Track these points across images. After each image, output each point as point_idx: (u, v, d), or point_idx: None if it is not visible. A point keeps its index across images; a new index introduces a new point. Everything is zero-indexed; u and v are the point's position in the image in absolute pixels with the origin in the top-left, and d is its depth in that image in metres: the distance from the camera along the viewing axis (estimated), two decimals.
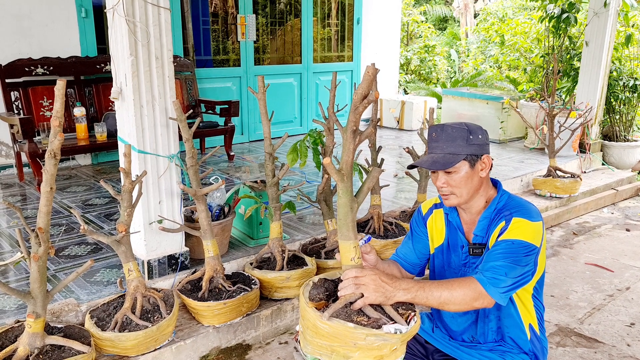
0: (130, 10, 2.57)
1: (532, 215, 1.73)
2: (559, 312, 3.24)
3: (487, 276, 1.64)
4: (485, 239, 1.81)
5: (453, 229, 1.91)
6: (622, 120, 6.37)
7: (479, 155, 1.76)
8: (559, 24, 6.39)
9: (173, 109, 2.73)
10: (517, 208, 1.76)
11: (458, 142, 1.74)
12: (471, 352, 1.88)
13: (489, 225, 1.81)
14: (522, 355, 1.84)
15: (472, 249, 1.83)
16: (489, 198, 1.84)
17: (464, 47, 13.65)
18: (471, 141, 1.74)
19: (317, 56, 7.25)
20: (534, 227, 1.71)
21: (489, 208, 1.82)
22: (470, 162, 1.75)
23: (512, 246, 1.68)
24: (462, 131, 1.75)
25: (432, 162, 1.76)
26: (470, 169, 1.75)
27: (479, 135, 1.77)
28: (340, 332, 1.47)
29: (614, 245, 4.34)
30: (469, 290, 1.61)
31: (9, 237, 3.49)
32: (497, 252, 1.69)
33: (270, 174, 2.94)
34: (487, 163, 1.79)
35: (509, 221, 1.73)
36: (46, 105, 4.87)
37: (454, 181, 1.76)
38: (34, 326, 2.13)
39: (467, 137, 1.74)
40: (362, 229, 3.53)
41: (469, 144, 1.74)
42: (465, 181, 1.76)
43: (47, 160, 2.02)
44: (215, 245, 2.76)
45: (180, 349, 2.55)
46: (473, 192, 1.79)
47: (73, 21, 5.16)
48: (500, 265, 1.65)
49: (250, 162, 5.69)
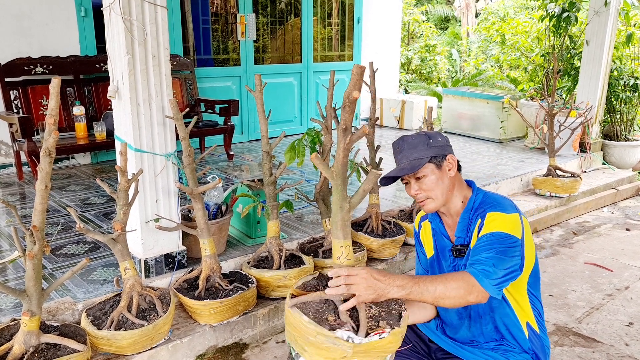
0: (127, 9, 2.57)
1: (506, 208, 1.76)
2: (557, 311, 3.23)
3: (477, 269, 1.65)
4: (467, 239, 1.84)
5: (439, 236, 1.95)
6: (622, 120, 6.35)
7: (443, 155, 1.83)
8: (559, 23, 6.37)
9: (170, 108, 2.73)
10: (491, 203, 1.80)
11: (420, 148, 1.81)
12: (474, 351, 1.88)
13: (468, 226, 1.83)
14: (523, 354, 1.84)
15: (455, 251, 1.86)
16: (464, 198, 1.87)
17: (465, 47, 13.63)
18: (431, 144, 1.82)
19: (317, 55, 7.25)
20: (510, 219, 1.73)
21: (467, 208, 1.85)
22: (435, 163, 1.81)
23: (492, 238, 1.70)
24: (421, 137, 1.83)
25: (400, 169, 1.82)
26: (438, 169, 1.81)
27: (438, 139, 1.84)
28: (297, 322, 1.50)
29: (613, 245, 4.33)
30: (463, 282, 1.61)
31: (7, 236, 3.50)
32: (480, 247, 1.71)
33: (267, 173, 2.93)
34: (453, 162, 1.84)
35: (484, 217, 1.76)
36: (45, 105, 4.88)
37: (426, 185, 1.81)
38: (30, 324, 2.13)
39: (426, 141, 1.82)
40: (361, 228, 3.52)
41: (429, 147, 1.81)
42: (436, 183, 1.81)
43: (42, 158, 2.02)
44: (212, 244, 2.75)
45: (177, 348, 2.55)
46: (447, 193, 1.83)
47: (72, 20, 5.16)
48: (486, 257, 1.66)
49: (250, 161, 5.69)
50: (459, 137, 7.13)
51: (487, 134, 6.91)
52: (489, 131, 6.89)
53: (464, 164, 5.55)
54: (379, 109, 7.78)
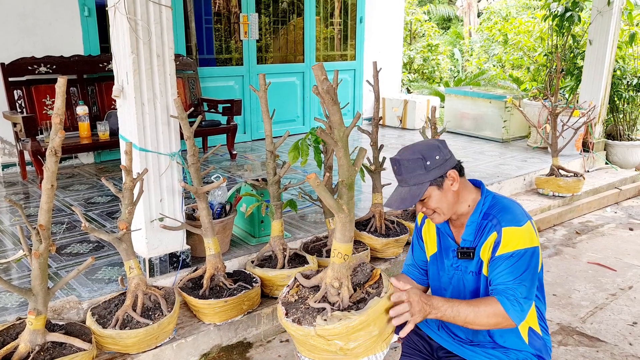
0: (132, 8, 2.57)
1: (520, 220, 1.76)
2: (561, 311, 3.23)
3: (509, 299, 1.68)
4: (474, 243, 1.84)
5: (444, 236, 1.96)
6: (625, 119, 6.35)
7: (443, 175, 1.78)
8: (562, 23, 6.36)
9: (174, 107, 2.73)
10: (503, 214, 1.78)
11: (417, 172, 1.76)
12: (475, 350, 1.88)
13: (477, 230, 1.83)
14: (524, 352, 1.84)
15: (460, 252, 1.86)
16: (472, 202, 1.85)
17: (468, 46, 13.62)
18: (429, 167, 1.76)
19: (319, 55, 7.25)
20: (525, 231, 1.74)
21: (475, 212, 1.84)
22: (437, 184, 1.78)
23: (513, 259, 1.72)
24: (417, 161, 1.76)
25: (401, 201, 1.78)
26: (440, 189, 1.78)
27: (435, 157, 1.78)
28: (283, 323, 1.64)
29: (617, 245, 4.32)
30: (493, 312, 1.67)
31: (12, 235, 3.51)
32: (503, 270, 1.73)
33: (271, 172, 2.94)
34: (454, 177, 1.80)
35: (500, 233, 1.75)
36: (49, 104, 4.89)
37: (431, 204, 1.80)
38: (35, 323, 2.14)
39: (424, 165, 1.76)
40: (364, 227, 3.53)
41: (428, 171, 1.76)
42: (440, 200, 1.79)
43: (48, 157, 2.02)
44: (216, 243, 2.76)
45: (181, 347, 2.55)
46: (453, 205, 1.83)
47: (76, 20, 5.17)
48: (515, 284, 1.70)
49: (253, 160, 5.69)
50: (462, 136, 7.12)
51: (489, 134, 6.91)
52: (491, 131, 6.88)
53: (467, 164, 5.58)
54: (382, 108, 7.78)
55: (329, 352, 1.54)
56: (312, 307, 1.62)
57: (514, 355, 1.83)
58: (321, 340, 1.52)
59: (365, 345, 1.53)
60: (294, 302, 1.69)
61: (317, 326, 1.51)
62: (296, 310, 1.64)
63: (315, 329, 1.52)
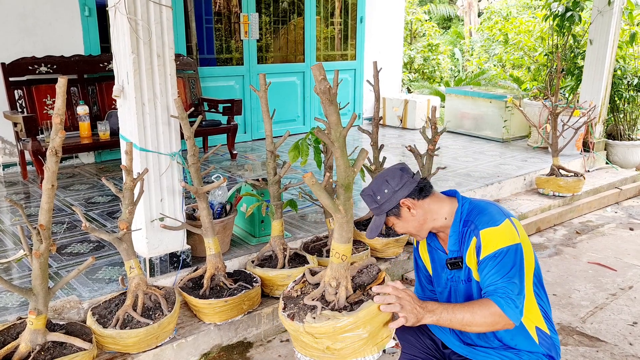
0: (132, 8, 2.58)
1: (496, 219, 1.77)
2: (561, 311, 3.23)
3: (502, 297, 1.68)
4: (460, 252, 1.85)
5: (435, 251, 1.99)
6: (626, 119, 6.34)
7: (395, 206, 1.84)
8: (563, 23, 6.36)
9: (175, 107, 2.74)
10: (479, 217, 1.80)
11: (373, 207, 1.87)
12: (488, 351, 1.88)
13: (460, 239, 1.85)
14: (536, 354, 1.85)
15: (449, 264, 1.88)
16: (449, 214, 1.87)
17: (468, 46, 13.61)
18: (379, 201, 1.85)
19: (320, 55, 7.25)
20: (503, 230, 1.75)
21: (455, 222, 1.86)
22: (394, 214, 1.86)
23: (497, 259, 1.72)
24: (369, 197, 1.87)
25: (370, 230, 1.90)
26: (399, 218, 1.86)
27: (384, 191, 1.84)
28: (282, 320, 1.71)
29: (617, 244, 4.32)
30: (489, 313, 1.66)
31: (12, 235, 3.51)
32: (489, 273, 1.73)
33: (271, 172, 2.94)
34: (410, 204, 1.84)
35: (478, 236, 1.77)
36: (50, 104, 4.89)
37: (400, 229, 1.90)
38: (36, 323, 2.14)
39: (374, 200, 1.86)
40: (364, 227, 3.53)
41: (380, 206, 1.85)
42: (404, 227, 1.88)
43: (49, 157, 2.02)
44: (216, 243, 2.76)
45: (182, 347, 2.56)
46: (422, 225, 1.88)
47: (76, 20, 5.17)
48: (505, 286, 1.69)
49: (253, 160, 5.70)
50: (462, 136, 7.12)
51: (490, 134, 6.91)
52: (492, 130, 6.88)
53: (467, 164, 5.58)
54: (382, 108, 7.78)
55: (317, 350, 1.55)
56: (306, 304, 1.63)
57: (526, 357, 1.83)
58: (310, 337, 1.53)
59: (353, 347, 1.54)
60: (294, 298, 1.70)
61: (305, 323, 1.52)
62: (294, 306, 1.65)
63: (304, 325, 1.52)
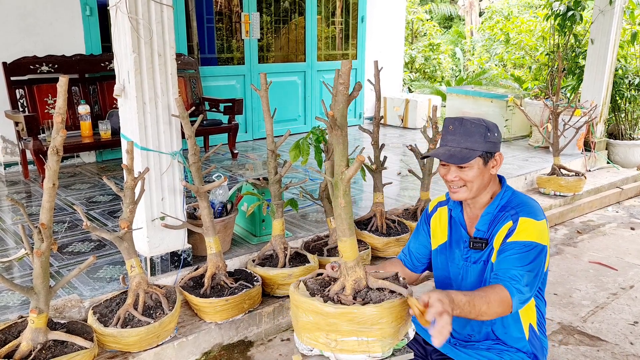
0: (133, 8, 2.58)
1: (538, 214, 1.76)
2: (562, 310, 3.23)
3: (514, 287, 1.66)
4: (487, 234, 1.83)
5: (456, 225, 1.93)
6: (627, 119, 6.34)
7: (493, 152, 1.78)
8: (564, 22, 6.36)
9: (176, 106, 2.74)
10: (522, 206, 1.78)
11: (475, 138, 1.75)
12: (469, 352, 1.87)
13: (491, 221, 1.82)
14: (520, 354, 1.84)
15: (472, 242, 1.85)
16: (493, 194, 1.85)
17: (469, 46, 13.60)
18: (488, 138, 1.76)
19: (321, 54, 7.25)
20: (540, 227, 1.73)
21: (493, 203, 1.83)
22: (484, 158, 1.77)
23: (524, 248, 1.70)
24: (480, 127, 1.76)
25: (449, 156, 1.76)
26: (484, 165, 1.77)
27: (495, 133, 1.79)
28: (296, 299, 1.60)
29: (618, 244, 4.32)
30: (501, 301, 1.63)
31: (13, 234, 3.52)
32: (510, 256, 1.71)
33: (272, 171, 2.94)
34: (499, 160, 1.81)
35: (516, 221, 1.75)
36: (51, 103, 4.90)
37: (467, 176, 1.78)
38: (37, 322, 2.15)
39: (485, 133, 1.75)
40: (365, 227, 3.53)
41: (485, 141, 1.75)
42: (477, 177, 1.78)
43: (50, 156, 2.03)
44: (217, 242, 2.76)
45: (183, 345, 2.56)
46: (482, 188, 1.82)
47: (78, 19, 5.18)
48: (520, 274, 1.67)
49: (254, 159, 5.70)
50: None
51: None
52: None
53: None
54: (383, 107, 7.78)
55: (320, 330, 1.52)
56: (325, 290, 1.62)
57: (507, 357, 1.82)
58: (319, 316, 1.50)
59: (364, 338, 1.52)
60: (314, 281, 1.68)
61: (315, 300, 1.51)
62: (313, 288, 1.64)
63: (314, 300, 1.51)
